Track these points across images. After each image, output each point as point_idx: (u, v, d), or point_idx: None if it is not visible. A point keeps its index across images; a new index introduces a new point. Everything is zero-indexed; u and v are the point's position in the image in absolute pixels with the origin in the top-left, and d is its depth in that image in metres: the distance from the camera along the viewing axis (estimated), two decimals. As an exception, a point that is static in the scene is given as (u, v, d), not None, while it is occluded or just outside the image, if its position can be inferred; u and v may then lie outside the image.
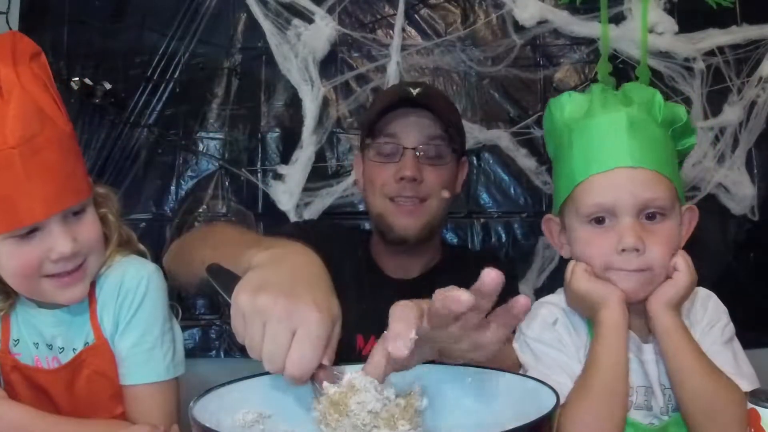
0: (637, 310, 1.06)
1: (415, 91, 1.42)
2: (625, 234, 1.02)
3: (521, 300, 0.70)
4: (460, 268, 1.44)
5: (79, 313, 1.12)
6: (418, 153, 1.36)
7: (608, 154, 1.05)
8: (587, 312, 1.07)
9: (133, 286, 1.12)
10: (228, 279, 0.81)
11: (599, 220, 1.05)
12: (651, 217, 1.04)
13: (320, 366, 0.70)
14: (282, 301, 0.70)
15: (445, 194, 1.41)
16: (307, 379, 0.70)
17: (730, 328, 1.09)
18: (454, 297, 0.67)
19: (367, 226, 1.64)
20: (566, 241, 1.12)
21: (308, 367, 0.70)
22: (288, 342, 0.69)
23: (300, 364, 0.69)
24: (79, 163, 1.06)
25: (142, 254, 1.20)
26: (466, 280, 1.41)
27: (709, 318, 1.09)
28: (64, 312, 1.12)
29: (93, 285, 1.12)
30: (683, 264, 1.03)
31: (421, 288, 1.41)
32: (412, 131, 1.37)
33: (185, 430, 0.98)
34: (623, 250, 1.02)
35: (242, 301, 0.73)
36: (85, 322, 1.12)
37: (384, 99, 1.47)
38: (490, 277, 0.68)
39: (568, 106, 1.11)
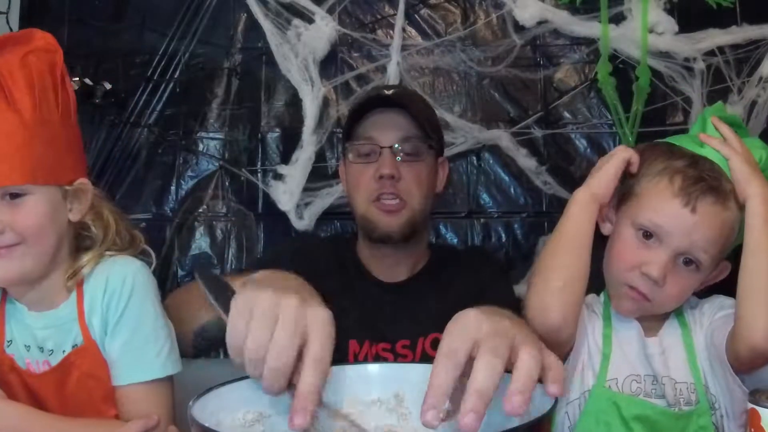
0: (642, 308, 1.11)
1: (389, 92, 1.45)
2: (653, 265, 1.07)
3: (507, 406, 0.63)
4: (448, 270, 1.44)
5: (68, 315, 1.12)
6: (395, 151, 1.38)
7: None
8: None
9: (118, 285, 1.11)
10: (219, 285, 0.79)
11: (647, 235, 1.09)
12: (687, 262, 1.08)
13: None
14: (294, 298, 0.69)
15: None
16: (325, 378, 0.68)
17: None
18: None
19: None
20: (611, 219, 1.16)
21: (328, 364, 0.68)
22: (301, 336, 0.68)
23: (323, 356, 0.67)
24: (30, 149, 1.04)
25: (146, 254, 1.19)
26: (455, 281, 1.41)
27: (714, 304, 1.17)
28: (52, 314, 1.12)
29: (80, 286, 1.12)
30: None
31: (410, 291, 1.43)
32: (388, 130, 1.39)
33: (185, 430, 0.98)
34: (644, 274, 1.07)
35: (259, 296, 0.70)
36: (73, 324, 1.11)
37: (360, 102, 1.49)
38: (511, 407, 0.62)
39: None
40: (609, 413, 1.09)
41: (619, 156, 1.11)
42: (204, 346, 1.11)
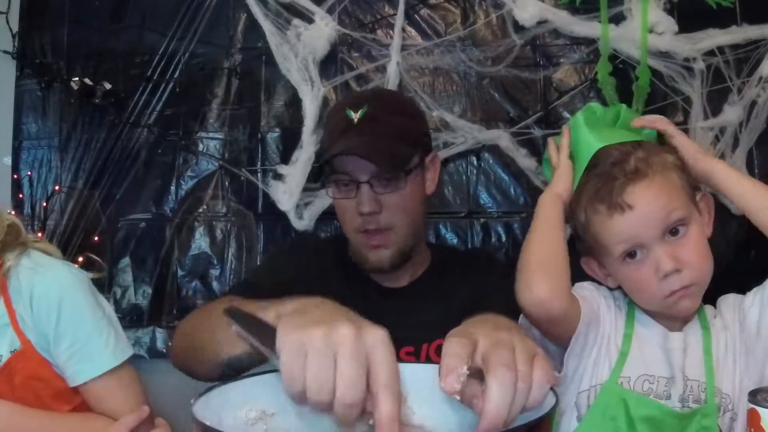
0: (694, 295, 1.12)
1: (356, 116, 1.33)
2: (660, 263, 1.08)
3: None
4: (451, 274, 1.42)
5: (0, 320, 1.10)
6: (373, 187, 1.31)
7: None
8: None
9: (44, 294, 1.09)
10: (256, 324, 0.75)
11: (632, 254, 1.10)
12: (674, 232, 1.09)
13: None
14: (347, 326, 0.65)
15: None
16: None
17: None
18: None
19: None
20: (608, 272, 1.18)
21: (398, 386, 0.64)
22: (364, 366, 0.64)
23: (394, 381, 0.64)
24: None
25: (14, 228, 1.14)
26: (459, 286, 1.39)
27: (733, 299, 1.18)
28: None
29: (5, 290, 1.10)
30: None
31: (412, 296, 1.41)
32: (363, 164, 1.30)
33: (188, 429, 0.97)
34: (665, 276, 1.08)
35: (310, 334, 0.65)
36: (6, 329, 1.10)
37: (331, 129, 1.40)
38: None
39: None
40: (616, 409, 1.09)
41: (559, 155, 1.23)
42: (232, 375, 1.10)
